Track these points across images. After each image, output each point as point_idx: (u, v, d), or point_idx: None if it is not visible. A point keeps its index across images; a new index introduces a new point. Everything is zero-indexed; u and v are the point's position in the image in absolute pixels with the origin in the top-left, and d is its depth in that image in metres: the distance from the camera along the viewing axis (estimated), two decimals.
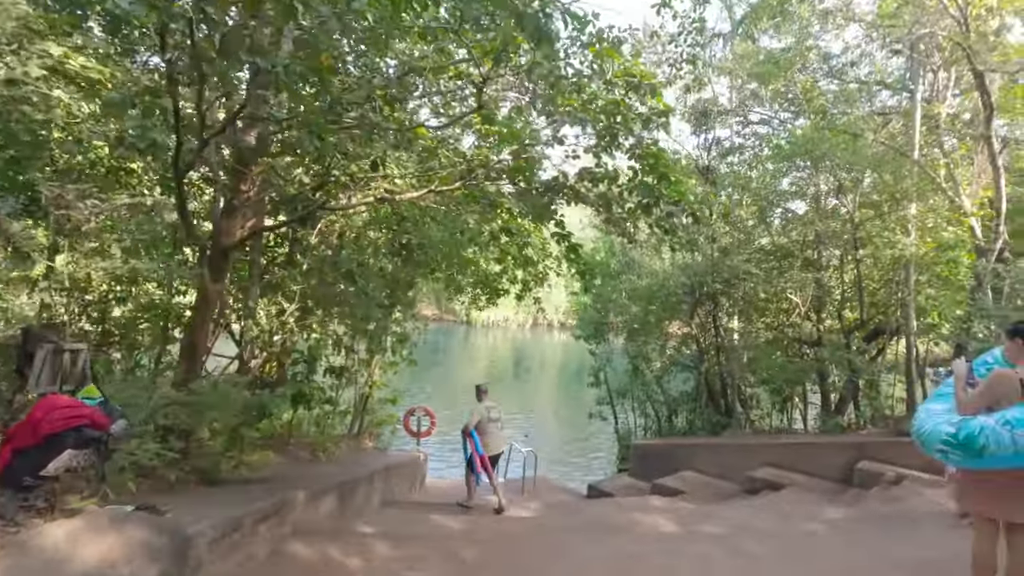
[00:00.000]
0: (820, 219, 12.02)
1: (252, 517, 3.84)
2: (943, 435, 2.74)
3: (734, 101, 15.21)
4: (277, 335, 5.64)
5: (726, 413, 13.45)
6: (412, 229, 7.17)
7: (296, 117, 3.46)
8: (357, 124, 3.47)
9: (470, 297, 10.05)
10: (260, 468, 5.71)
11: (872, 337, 13.08)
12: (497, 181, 4.69)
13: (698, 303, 13.49)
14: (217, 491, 4.39)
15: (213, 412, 4.31)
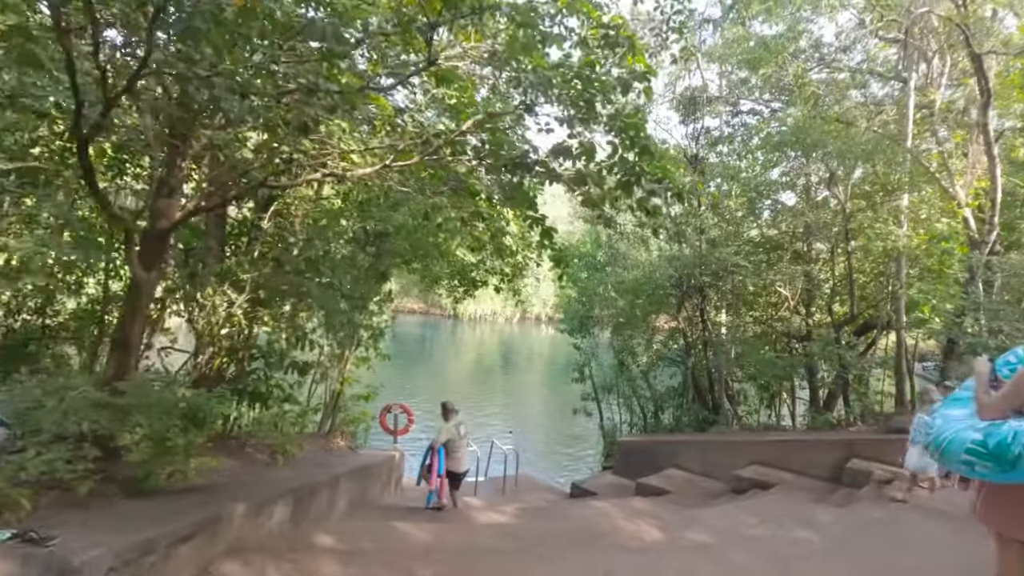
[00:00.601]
0: (810, 210, 11.67)
1: (170, 537, 3.34)
2: (969, 443, 2.30)
3: (724, 89, 14.80)
4: (225, 328, 5.12)
5: (713, 409, 13.12)
6: (379, 215, 6.67)
7: (217, 73, 2.95)
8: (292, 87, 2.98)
9: (447, 288, 9.55)
10: (206, 475, 5.20)
11: (862, 331, 12.81)
12: (460, 156, 4.21)
13: (685, 296, 13.11)
14: (142, 505, 3.88)
15: (137, 415, 3.80)
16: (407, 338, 40.72)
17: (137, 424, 3.81)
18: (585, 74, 3.48)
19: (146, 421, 3.78)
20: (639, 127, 3.63)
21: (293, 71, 3.13)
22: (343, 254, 6.95)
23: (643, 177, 3.72)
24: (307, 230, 6.80)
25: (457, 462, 7.68)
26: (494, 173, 4.14)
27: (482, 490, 11.48)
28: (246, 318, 5.28)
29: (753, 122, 13.59)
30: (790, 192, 14.03)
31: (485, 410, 20.22)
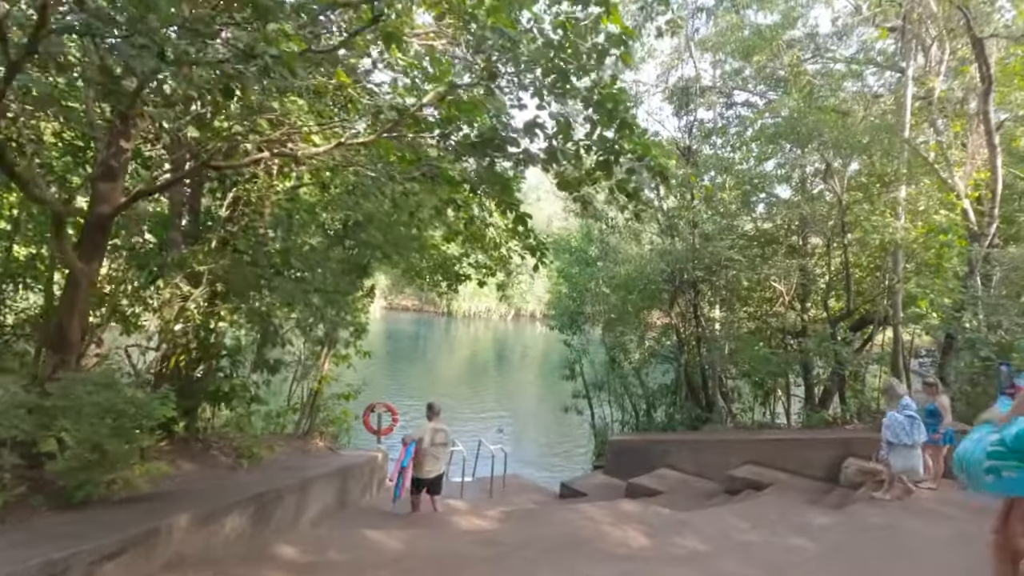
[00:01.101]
0: (806, 202, 11.35)
1: (93, 555, 2.98)
2: (988, 447, 1.97)
3: (717, 80, 14.45)
4: (179, 324, 4.75)
5: (707, 407, 12.82)
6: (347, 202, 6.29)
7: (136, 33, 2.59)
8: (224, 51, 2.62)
9: (430, 283, 9.19)
10: (157, 482, 4.84)
11: (858, 327, 12.51)
12: (423, 134, 3.84)
13: (678, 291, 12.79)
14: (70, 519, 3.52)
15: (63, 419, 3.43)
16: (400, 335, 40.35)
17: (63, 428, 3.44)
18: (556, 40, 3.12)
19: (73, 426, 3.41)
20: (618, 100, 3.27)
21: (227, 33, 2.77)
22: (312, 245, 6.56)
23: (623, 155, 3.36)
24: (278, 221, 6.42)
25: (423, 468, 7.25)
26: (462, 154, 3.77)
27: (469, 491, 11.14)
28: (203, 314, 4.90)
29: (748, 114, 13.25)
30: (785, 186, 13.73)
31: (477, 408, 19.89)
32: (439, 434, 7.39)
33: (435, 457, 7.31)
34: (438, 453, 7.35)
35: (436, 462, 7.34)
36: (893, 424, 6.70)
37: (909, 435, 6.62)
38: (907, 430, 6.60)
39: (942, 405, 7.44)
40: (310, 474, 6.75)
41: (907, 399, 6.88)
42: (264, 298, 5.46)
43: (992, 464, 1.98)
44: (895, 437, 6.68)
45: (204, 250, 4.96)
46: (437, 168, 4.57)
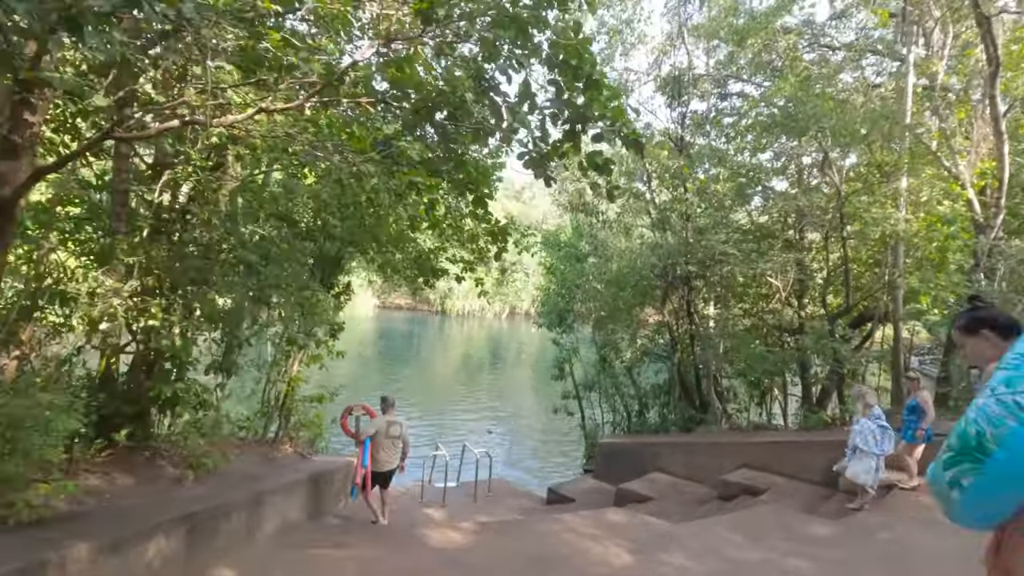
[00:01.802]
0: (803, 194, 10.86)
1: None
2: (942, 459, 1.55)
3: (711, 68, 13.95)
4: (104, 323, 4.22)
5: (701, 407, 12.34)
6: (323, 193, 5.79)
7: None
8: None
9: (406, 278, 8.66)
10: (79, 501, 4.30)
11: (857, 324, 12.05)
12: (358, 97, 3.33)
13: (671, 287, 12.30)
14: None
15: None
16: (392, 334, 39.81)
17: None
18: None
19: None
20: (583, 51, 2.76)
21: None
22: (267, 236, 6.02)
23: (591, 123, 2.86)
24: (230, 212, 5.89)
25: (378, 461, 7.05)
26: (407, 124, 3.27)
27: (452, 497, 10.64)
28: (134, 310, 4.37)
29: (742, 104, 12.75)
30: (781, 178, 13.26)
31: (469, 409, 19.40)
32: (393, 427, 7.16)
33: (388, 451, 7.10)
34: (392, 446, 7.16)
35: (390, 454, 7.13)
36: (864, 431, 6.51)
37: (878, 445, 6.48)
38: (877, 439, 6.47)
39: (924, 401, 7.11)
40: (269, 485, 6.22)
41: (878, 408, 6.74)
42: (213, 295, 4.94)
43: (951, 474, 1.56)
44: (864, 443, 6.46)
45: (131, 240, 4.44)
46: (395, 147, 4.07)
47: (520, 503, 10.81)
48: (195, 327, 5.24)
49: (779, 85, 9.74)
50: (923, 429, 6.99)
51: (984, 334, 1.95)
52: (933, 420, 7.05)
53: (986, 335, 1.94)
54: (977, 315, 2.01)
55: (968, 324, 2.01)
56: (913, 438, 7.08)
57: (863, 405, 6.76)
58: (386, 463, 7.09)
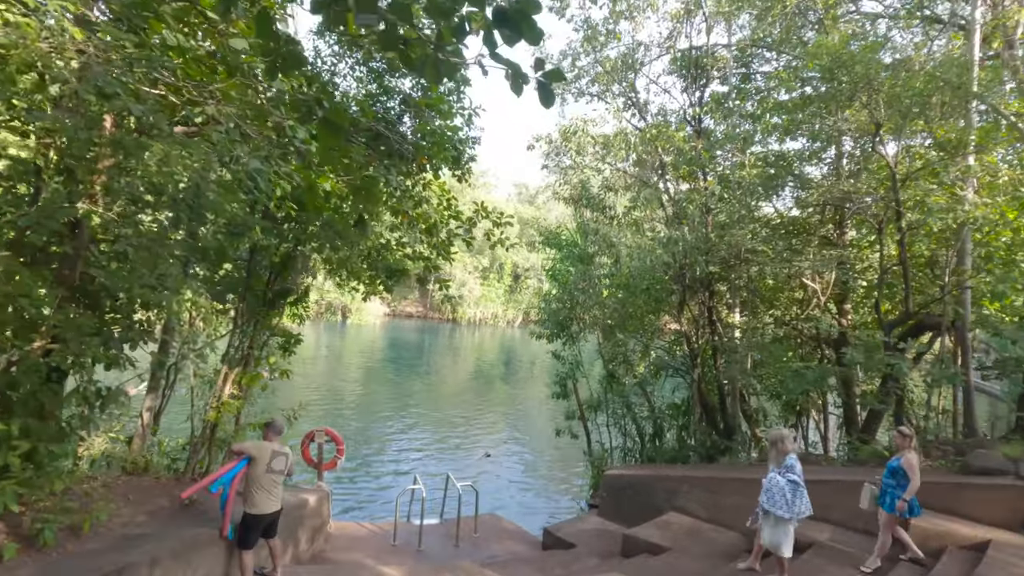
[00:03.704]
0: (848, 178, 9.10)
1: None
2: None
3: (733, 47, 12.26)
4: None
5: (725, 432, 10.56)
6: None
7: None
8: None
9: (366, 279, 7.16)
10: None
11: (911, 334, 10.19)
12: None
13: (689, 291, 10.58)
14: None
15: None
16: (401, 344, 38.49)
17: None
18: None
19: None
20: None
21: None
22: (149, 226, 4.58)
23: None
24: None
25: (255, 503, 5.37)
26: None
27: (431, 539, 9.05)
28: None
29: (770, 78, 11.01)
30: (816, 165, 11.48)
31: (466, 430, 17.80)
32: (278, 459, 5.52)
33: (269, 490, 5.45)
34: (274, 483, 5.50)
35: (271, 495, 5.48)
36: (772, 488, 5.39)
37: (788, 506, 5.25)
38: (787, 499, 5.27)
39: (909, 464, 5.72)
40: (150, 548, 4.72)
41: (793, 458, 5.49)
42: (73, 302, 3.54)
43: None
44: (771, 504, 5.34)
45: None
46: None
47: (510, 546, 9.15)
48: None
49: (820, 41, 8.02)
50: (905, 500, 5.68)
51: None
52: (918, 489, 5.73)
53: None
54: None
55: None
56: (893, 509, 5.77)
57: (777, 452, 5.52)
58: (267, 505, 5.44)
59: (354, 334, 40.59)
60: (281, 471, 5.50)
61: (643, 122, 11.01)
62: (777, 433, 5.75)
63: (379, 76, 6.46)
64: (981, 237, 9.24)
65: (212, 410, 6.83)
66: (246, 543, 5.38)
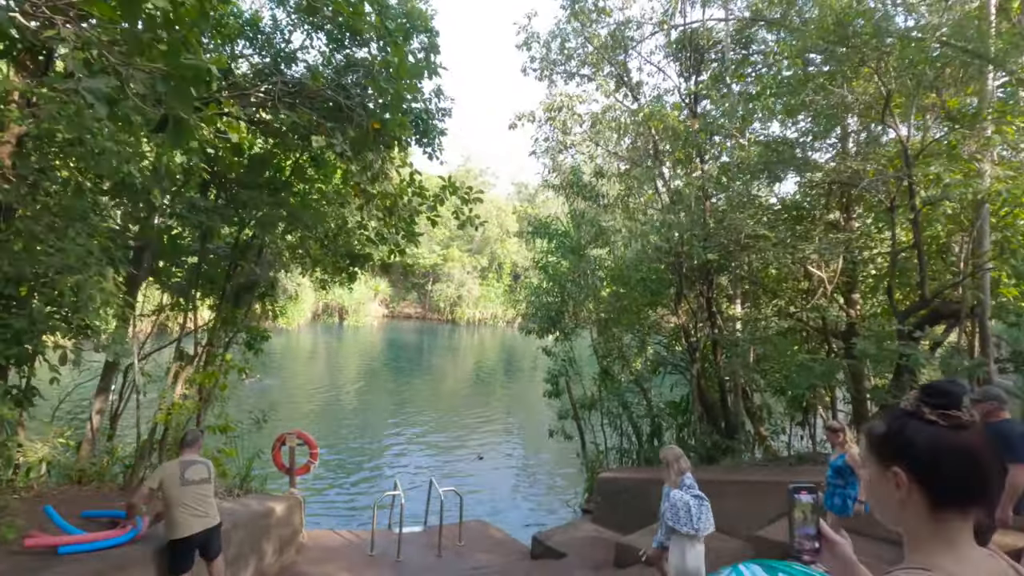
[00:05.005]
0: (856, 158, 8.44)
1: None
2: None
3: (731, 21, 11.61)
4: None
5: (727, 431, 9.90)
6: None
7: None
8: None
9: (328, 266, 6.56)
10: None
11: (929, 323, 9.49)
12: None
13: (686, 281, 9.94)
14: None
15: None
16: (399, 345, 37.88)
17: None
18: None
19: None
20: None
21: None
22: None
23: None
24: None
25: (178, 524, 4.66)
26: None
27: (411, 549, 8.45)
28: None
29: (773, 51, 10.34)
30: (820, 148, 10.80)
31: (460, 433, 17.18)
32: (193, 469, 4.78)
33: (193, 506, 4.72)
34: (197, 497, 4.76)
35: (196, 510, 4.74)
36: (676, 504, 5.02)
37: (692, 521, 4.89)
38: (691, 514, 4.93)
39: (853, 460, 5.16)
40: None
41: (690, 476, 5.23)
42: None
43: None
44: (675, 520, 4.94)
45: None
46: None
47: (496, 556, 8.52)
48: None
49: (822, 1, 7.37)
50: (861, 501, 5.07)
51: None
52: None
53: None
54: None
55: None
56: (846, 510, 5.17)
57: (676, 472, 5.19)
58: (192, 524, 4.70)
59: (351, 336, 40.01)
60: (203, 480, 4.79)
61: (636, 104, 10.37)
62: (672, 452, 5.41)
63: (339, 44, 5.87)
64: (997, 221, 8.60)
65: (161, 412, 6.22)
66: (175, 570, 4.74)
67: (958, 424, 1.02)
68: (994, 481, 1.03)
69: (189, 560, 4.75)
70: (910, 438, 1.04)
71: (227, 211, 6.09)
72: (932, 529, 1.02)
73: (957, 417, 1.02)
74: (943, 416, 1.02)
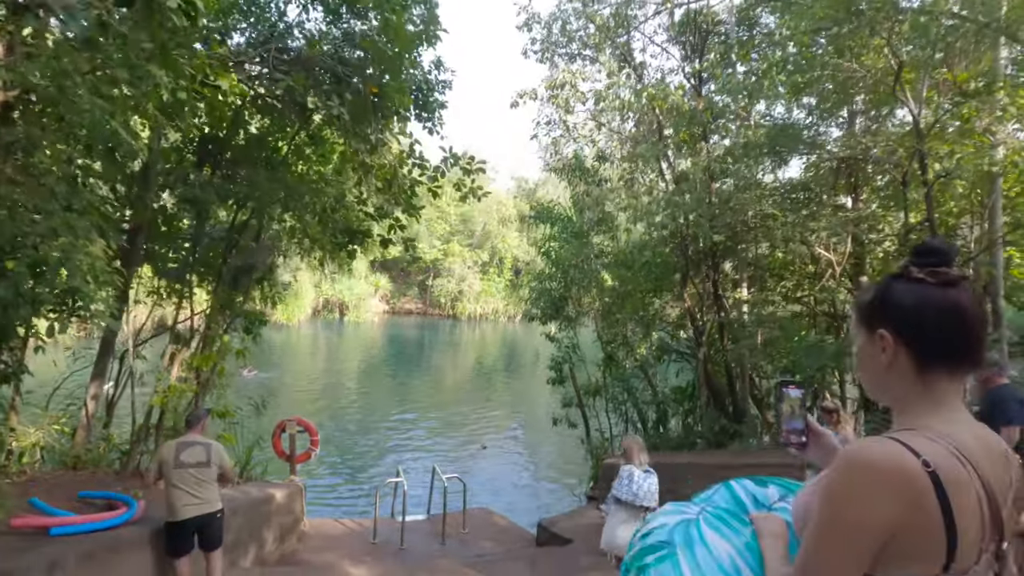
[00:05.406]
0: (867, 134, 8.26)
1: None
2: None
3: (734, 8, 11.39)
4: None
5: (734, 416, 9.76)
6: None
7: None
8: None
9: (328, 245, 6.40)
10: None
11: None
12: None
13: (692, 264, 9.77)
14: None
15: None
16: (400, 340, 37.76)
17: None
18: None
19: None
20: None
21: None
22: None
23: None
24: None
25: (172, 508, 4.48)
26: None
27: (415, 537, 8.30)
28: None
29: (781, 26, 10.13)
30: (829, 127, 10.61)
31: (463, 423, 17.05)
32: (188, 451, 4.55)
33: (186, 489, 4.50)
34: (193, 480, 4.53)
35: (190, 495, 4.51)
36: (622, 474, 5.04)
37: (632, 487, 4.82)
38: (634, 481, 4.86)
39: (847, 440, 4.93)
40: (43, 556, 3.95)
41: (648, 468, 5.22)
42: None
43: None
44: (617, 487, 4.95)
45: None
46: None
47: (501, 543, 8.38)
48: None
49: None
50: None
51: None
52: None
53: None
54: None
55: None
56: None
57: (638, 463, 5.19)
58: (186, 509, 4.47)
59: (352, 331, 39.89)
60: (200, 463, 4.57)
61: (640, 84, 10.18)
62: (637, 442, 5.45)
63: (337, 16, 5.70)
64: (1007, 202, 8.45)
65: (157, 395, 6.07)
66: (172, 552, 4.57)
67: (945, 281, 0.98)
68: (981, 339, 1.01)
69: (186, 544, 4.59)
70: (895, 299, 1.02)
71: (223, 188, 5.93)
72: (919, 391, 1.00)
73: (944, 274, 0.99)
74: (931, 273, 0.99)
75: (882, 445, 0.92)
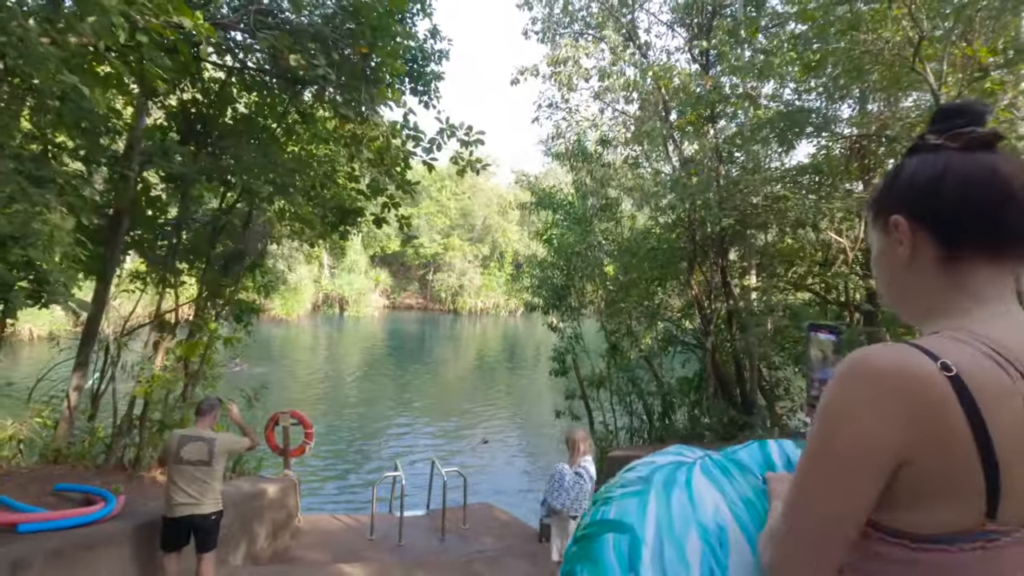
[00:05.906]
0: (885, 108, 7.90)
1: None
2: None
3: None
4: None
5: (743, 408, 9.45)
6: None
7: None
8: None
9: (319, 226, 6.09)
10: None
11: None
12: None
13: (700, 250, 9.45)
14: None
15: None
16: (401, 335, 37.48)
17: None
18: None
19: None
20: None
21: None
22: None
23: None
24: None
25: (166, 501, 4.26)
26: None
27: (414, 533, 8.03)
28: None
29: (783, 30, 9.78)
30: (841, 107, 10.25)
31: (465, 417, 16.76)
32: (189, 445, 4.26)
33: (183, 486, 4.24)
34: (190, 477, 4.25)
35: (185, 492, 4.24)
36: (554, 476, 4.92)
37: (562, 497, 4.65)
38: (564, 487, 4.67)
39: None
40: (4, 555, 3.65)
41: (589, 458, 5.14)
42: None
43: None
44: (549, 493, 4.87)
45: None
46: None
47: (502, 539, 8.10)
48: None
49: None
50: None
51: None
52: None
53: None
54: None
55: None
56: None
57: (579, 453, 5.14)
58: (180, 507, 4.23)
59: (352, 326, 39.61)
60: (200, 462, 4.28)
61: (644, 63, 9.83)
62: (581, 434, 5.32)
63: None
64: None
65: (140, 384, 5.76)
66: (162, 546, 4.31)
67: (971, 143, 0.77)
68: (1020, 210, 0.74)
69: (176, 540, 4.32)
70: (908, 174, 0.82)
71: (209, 165, 5.60)
72: (946, 283, 0.78)
73: (969, 134, 0.77)
74: (952, 137, 0.79)
75: (889, 349, 0.71)
